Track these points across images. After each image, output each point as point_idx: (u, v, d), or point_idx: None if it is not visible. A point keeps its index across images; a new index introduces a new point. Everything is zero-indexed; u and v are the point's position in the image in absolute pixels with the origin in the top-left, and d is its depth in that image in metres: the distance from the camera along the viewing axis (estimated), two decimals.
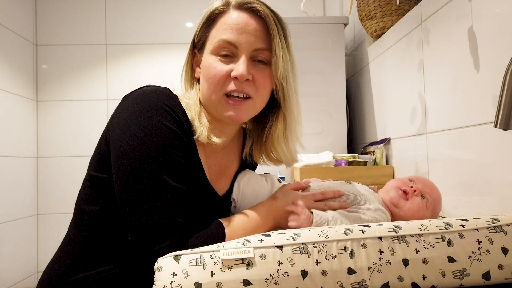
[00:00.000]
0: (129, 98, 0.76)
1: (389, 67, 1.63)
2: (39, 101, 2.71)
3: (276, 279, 0.61)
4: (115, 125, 0.74)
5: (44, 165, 2.69)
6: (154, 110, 0.72)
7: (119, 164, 0.71)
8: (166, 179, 0.70)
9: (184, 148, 0.75)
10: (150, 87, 0.77)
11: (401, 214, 0.87)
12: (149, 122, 0.71)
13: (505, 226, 0.68)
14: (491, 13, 0.96)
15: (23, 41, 2.58)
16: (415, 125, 1.38)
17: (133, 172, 0.69)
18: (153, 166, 0.69)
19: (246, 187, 0.89)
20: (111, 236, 0.77)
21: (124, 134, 0.71)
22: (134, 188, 0.69)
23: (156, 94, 0.75)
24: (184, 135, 0.75)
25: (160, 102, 0.73)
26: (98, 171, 0.77)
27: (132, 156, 0.70)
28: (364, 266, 0.63)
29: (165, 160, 0.70)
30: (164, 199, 0.69)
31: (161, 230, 0.68)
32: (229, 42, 0.77)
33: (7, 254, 2.33)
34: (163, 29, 2.79)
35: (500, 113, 0.72)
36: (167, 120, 0.72)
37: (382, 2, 1.64)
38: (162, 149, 0.70)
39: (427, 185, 0.93)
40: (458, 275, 0.64)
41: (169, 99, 0.75)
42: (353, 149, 2.12)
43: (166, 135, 0.71)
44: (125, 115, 0.73)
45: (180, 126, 0.74)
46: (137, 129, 0.70)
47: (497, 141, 0.93)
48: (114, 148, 0.72)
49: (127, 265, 0.76)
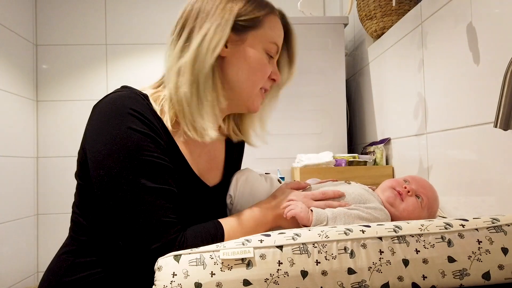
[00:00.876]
0: (97, 108, 0.75)
1: (389, 67, 1.63)
2: (39, 101, 2.72)
3: (276, 279, 0.61)
4: (88, 136, 0.74)
5: (44, 165, 2.69)
6: (120, 116, 0.71)
7: (96, 175, 0.71)
8: (144, 182, 0.70)
9: (160, 148, 0.74)
10: (116, 94, 0.76)
11: (397, 214, 0.87)
12: (117, 129, 0.70)
13: (505, 226, 0.68)
14: (491, 13, 0.96)
15: (23, 41, 2.58)
16: (415, 125, 1.38)
17: (111, 181, 0.69)
18: (129, 172, 0.69)
19: (244, 186, 0.88)
20: (107, 239, 0.77)
21: (96, 145, 0.71)
22: (114, 196, 0.69)
23: (122, 100, 0.73)
24: (157, 135, 0.74)
25: (125, 107, 0.72)
26: (81, 178, 0.78)
27: (107, 165, 0.70)
28: (364, 266, 0.63)
29: (139, 164, 0.70)
30: (147, 202, 0.69)
31: (149, 233, 0.68)
32: (278, 48, 0.85)
33: (7, 254, 2.33)
34: (163, 29, 2.79)
35: (500, 113, 0.72)
36: (135, 124, 0.71)
37: (382, 2, 1.64)
38: (134, 153, 0.70)
39: (422, 184, 0.92)
40: (458, 275, 0.64)
41: (135, 102, 0.74)
42: (353, 149, 2.12)
43: (136, 139, 0.71)
44: (95, 125, 0.73)
45: (150, 127, 0.73)
46: (107, 138, 0.70)
47: (497, 141, 0.93)
48: (89, 159, 0.73)
49: (126, 265, 0.76)
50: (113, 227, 0.71)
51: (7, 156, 2.35)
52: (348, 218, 0.79)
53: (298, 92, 1.86)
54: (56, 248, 0.83)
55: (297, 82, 1.86)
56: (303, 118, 1.87)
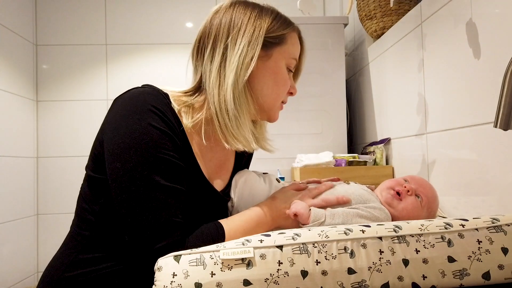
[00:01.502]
0: (118, 101, 0.77)
1: (389, 67, 1.63)
2: (39, 101, 2.72)
3: (276, 279, 0.61)
4: (107, 128, 0.75)
5: (44, 165, 2.69)
6: (142, 112, 0.73)
7: (112, 167, 0.72)
8: (158, 180, 0.71)
9: (176, 148, 0.75)
10: (139, 89, 0.78)
11: (396, 214, 0.87)
12: (137, 125, 0.72)
13: (505, 226, 0.68)
14: (491, 13, 0.96)
15: (23, 41, 2.58)
16: (415, 125, 1.38)
17: (126, 174, 0.70)
18: (144, 168, 0.70)
19: (244, 187, 0.89)
20: (113, 234, 0.77)
21: (115, 138, 0.72)
22: (127, 190, 0.70)
23: (144, 96, 0.75)
24: (175, 134, 0.76)
25: (147, 104, 0.74)
26: (94, 171, 0.78)
27: (124, 159, 0.71)
28: (364, 266, 0.63)
29: (156, 161, 0.71)
30: (158, 199, 0.70)
31: (157, 231, 0.69)
32: (297, 63, 0.92)
33: (7, 254, 2.33)
34: (163, 29, 2.79)
35: (500, 113, 0.72)
36: (156, 121, 0.73)
37: (382, 2, 1.64)
38: (152, 150, 0.71)
39: (422, 184, 0.92)
40: (458, 275, 0.64)
41: (157, 100, 0.76)
42: (353, 149, 2.12)
43: (155, 136, 0.72)
44: (115, 118, 0.74)
45: (170, 126, 0.75)
46: (127, 132, 0.72)
47: (497, 141, 0.93)
48: (107, 151, 0.74)
49: (129, 262, 0.77)
50: (121, 221, 0.71)
51: (7, 156, 2.35)
52: (347, 216, 0.79)
53: (298, 92, 1.85)
54: (56, 248, 0.83)
55: (297, 82, 1.86)
56: (303, 118, 1.87)
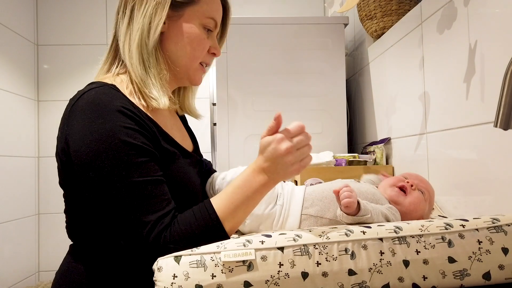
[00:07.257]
0: (76, 111, 0.73)
1: (389, 67, 1.63)
2: (40, 101, 2.72)
3: (276, 280, 0.61)
4: (70, 141, 0.71)
5: (45, 165, 2.69)
6: (103, 115, 0.70)
7: (85, 178, 0.70)
8: (137, 178, 0.69)
9: (146, 137, 0.73)
10: (90, 92, 0.74)
11: (403, 210, 0.89)
12: (102, 129, 0.69)
13: (506, 226, 0.68)
14: (491, 13, 0.96)
15: (24, 41, 2.58)
16: (415, 125, 1.38)
17: (102, 182, 0.68)
18: (120, 168, 0.68)
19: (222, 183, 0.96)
20: (105, 242, 0.76)
21: (81, 148, 0.69)
22: (108, 196, 0.68)
23: (100, 98, 0.72)
24: (141, 125, 0.73)
25: (105, 105, 0.71)
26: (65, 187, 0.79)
27: (96, 166, 0.68)
28: (365, 267, 0.63)
29: (129, 160, 0.69)
30: (143, 195, 0.69)
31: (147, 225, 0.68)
32: (216, 23, 0.88)
33: (8, 253, 2.34)
34: None
35: (500, 113, 0.72)
36: (119, 119, 0.70)
37: (382, 2, 1.64)
38: (123, 150, 0.69)
39: (421, 179, 0.97)
40: (458, 276, 0.64)
41: (112, 97, 0.73)
42: (353, 149, 2.12)
43: (123, 135, 0.69)
44: (78, 129, 0.71)
45: (133, 118, 0.72)
46: (93, 139, 0.69)
47: (497, 141, 0.93)
48: (76, 163, 0.71)
49: (127, 268, 0.76)
50: (111, 228, 0.71)
51: (8, 156, 2.35)
52: (379, 216, 0.80)
53: (298, 92, 1.86)
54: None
55: (297, 82, 1.86)
56: (303, 118, 1.87)
